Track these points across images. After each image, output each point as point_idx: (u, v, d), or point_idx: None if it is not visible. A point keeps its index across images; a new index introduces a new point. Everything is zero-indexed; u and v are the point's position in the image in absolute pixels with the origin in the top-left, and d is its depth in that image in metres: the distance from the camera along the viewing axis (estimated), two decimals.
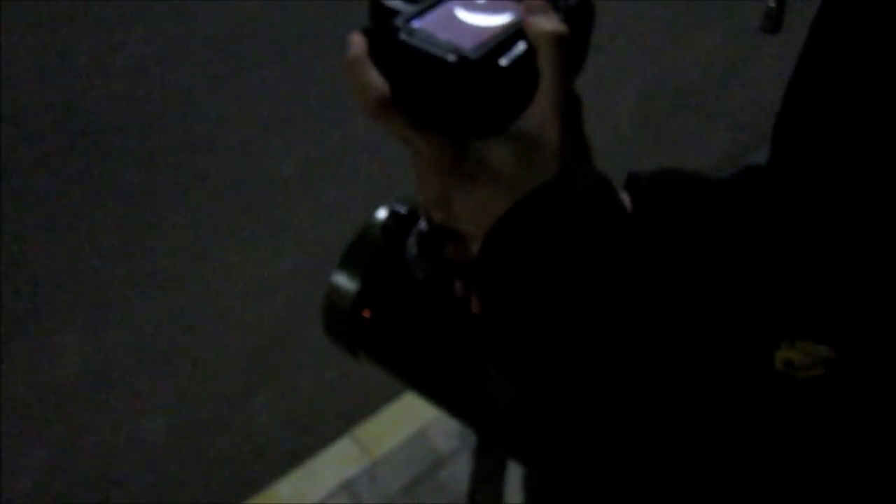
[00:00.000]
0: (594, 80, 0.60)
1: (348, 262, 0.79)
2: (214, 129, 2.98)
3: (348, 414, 2.04)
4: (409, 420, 1.97)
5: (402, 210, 0.74)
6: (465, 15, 0.52)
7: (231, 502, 1.87)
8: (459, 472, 1.86)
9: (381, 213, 0.78)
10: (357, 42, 0.51)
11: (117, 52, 3.29)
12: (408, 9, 0.52)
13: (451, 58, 0.48)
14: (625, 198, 0.68)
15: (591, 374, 0.49)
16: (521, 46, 0.51)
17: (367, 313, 0.78)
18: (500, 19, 0.51)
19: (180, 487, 1.95)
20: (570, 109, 0.52)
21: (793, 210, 0.52)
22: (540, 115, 0.51)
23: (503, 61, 0.50)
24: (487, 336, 0.66)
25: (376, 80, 0.50)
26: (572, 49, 0.51)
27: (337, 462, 1.90)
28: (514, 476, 1.80)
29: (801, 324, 0.46)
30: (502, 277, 0.51)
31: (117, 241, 2.58)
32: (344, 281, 0.79)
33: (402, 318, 0.79)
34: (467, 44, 0.49)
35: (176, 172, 2.82)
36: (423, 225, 0.62)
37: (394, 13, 0.52)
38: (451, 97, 0.50)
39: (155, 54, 3.27)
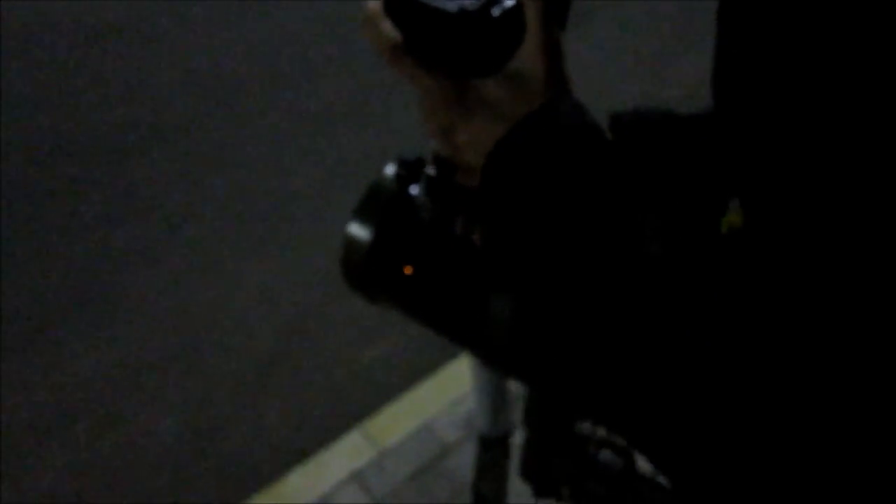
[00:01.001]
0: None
1: (361, 213, 0.84)
2: (225, 145, 3.08)
3: (356, 410, 2.09)
4: (415, 413, 2.03)
5: (411, 158, 0.81)
6: None
7: (242, 497, 1.91)
8: (464, 461, 1.90)
9: (390, 168, 0.84)
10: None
11: (131, 72, 3.42)
12: None
13: (453, 9, 0.57)
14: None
15: (573, 271, 0.56)
16: (510, 2, 0.60)
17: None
18: None
19: (193, 484, 2.00)
20: (553, 51, 0.60)
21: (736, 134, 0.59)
22: (528, 56, 0.60)
23: (495, 11, 0.59)
24: (488, 257, 0.74)
25: (390, 30, 0.60)
26: (552, 3, 0.60)
27: (345, 454, 1.95)
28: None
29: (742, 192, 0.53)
30: (501, 191, 0.59)
31: (133, 252, 2.66)
32: (358, 230, 0.83)
33: (413, 259, 0.84)
34: None
35: (187, 186, 2.91)
36: (430, 170, 0.71)
37: None
38: (453, 43, 0.60)
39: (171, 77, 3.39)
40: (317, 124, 3.11)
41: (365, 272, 0.84)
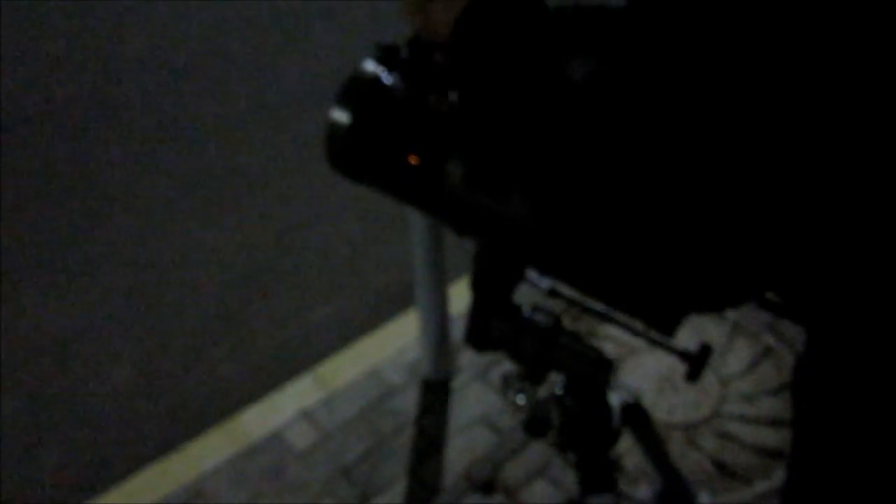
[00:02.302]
0: None
1: (342, 100, 0.94)
2: (187, 125, 3.18)
3: (307, 359, 2.19)
4: (363, 359, 2.13)
5: (387, 43, 0.94)
6: None
7: (193, 434, 1.99)
8: (409, 401, 2.02)
9: (369, 63, 0.95)
10: None
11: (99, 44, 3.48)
12: None
13: None
14: None
15: (520, 93, 0.71)
16: None
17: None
18: None
19: (143, 424, 2.07)
20: None
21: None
22: None
23: None
24: (458, 116, 0.86)
25: None
26: None
27: (296, 395, 2.05)
28: (459, 405, 1.98)
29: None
30: (467, 45, 0.75)
31: (93, 216, 2.75)
32: (339, 115, 0.94)
33: (387, 130, 0.94)
34: None
35: (146, 160, 3.01)
36: (404, 53, 0.85)
37: None
38: None
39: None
40: (275, 111, 3.23)
41: (345, 153, 0.96)
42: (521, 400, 1.05)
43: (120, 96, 3.36)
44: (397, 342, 2.18)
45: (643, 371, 2.07)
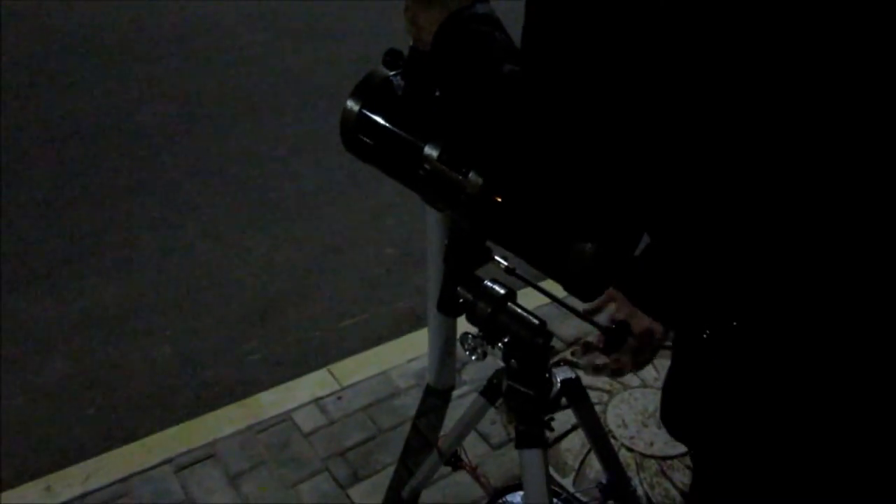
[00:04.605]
0: None
1: (355, 93, 1.19)
2: (249, 147, 3.51)
3: (326, 359, 2.41)
4: (376, 363, 2.34)
5: (395, 49, 1.19)
6: None
7: (217, 406, 2.22)
8: (411, 402, 2.21)
9: (381, 68, 1.20)
10: None
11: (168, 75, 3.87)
12: None
13: None
14: None
15: (474, 83, 0.95)
16: None
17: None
18: None
19: (174, 394, 2.32)
20: None
21: None
22: None
23: None
24: (438, 106, 1.10)
25: None
26: None
27: (312, 385, 2.26)
28: (455, 411, 2.16)
29: None
30: (442, 49, 0.99)
31: (154, 220, 3.09)
32: (351, 104, 1.18)
33: (384, 117, 1.18)
34: None
35: (210, 175, 3.35)
36: (406, 55, 1.10)
37: None
38: None
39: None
40: (327, 140, 3.53)
41: (353, 135, 1.20)
42: (475, 356, 1.24)
43: (202, 119, 3.73)
44: (409, 353, 2.39)
45: (630, 406, 2.22)
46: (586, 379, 2.28)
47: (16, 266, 2.81)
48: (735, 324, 0.82)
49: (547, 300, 1.22)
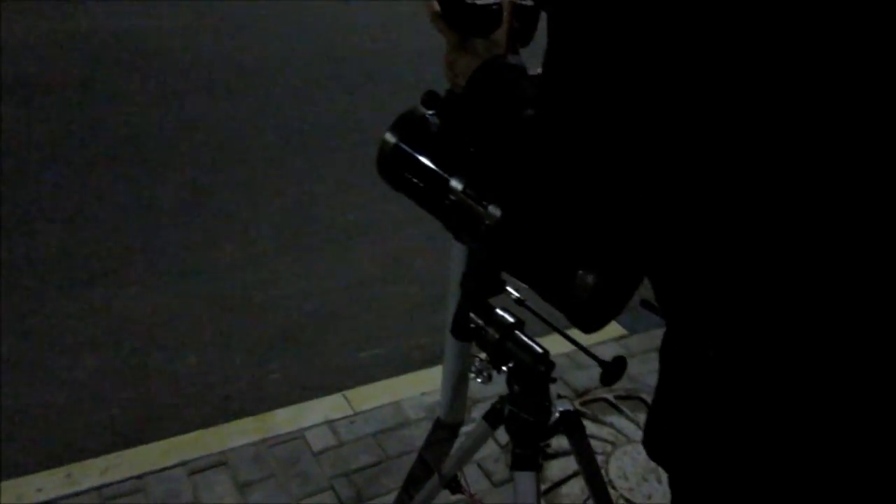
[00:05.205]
0: None
1: (393, 127, 1.31)
2: (299, 179, 3.67)
3: (343, 385, 2.50)
4: (390, 393, 2.43)
5: (434, 91, 1.31)
6: None
7: (235, 419, 2.31)
8: (420, 434, 2.29)
9: (420, 107, 1.32)
10: None
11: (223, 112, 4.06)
12: None
13: (468, 4, 1.10)
14: None
15: (500, 122, 1.05)
16: (498, 5, 1.11)
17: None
18: None
19: (193, 403, 2.41)
20: (514, 34, 1.11)
21: None
22: (500, 32, 1.11)
23: (490, 7, 1.11)
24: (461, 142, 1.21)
25: (436, 6, 1.13)
26: (520, 12, 1.11)
27: (326, 408, 2.35)
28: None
29: None
30: (474, 93, 1.10)
31: (202, 240, 3.25)
32: (389, 137, 1.30)
33: (422, 152, 1.29)
34: None
35: (259, 204, 3.50)
36: (442, 97, 1.22)
37: None
38: (466, 18, 1.13)
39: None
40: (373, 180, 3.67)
41: (389, 166, 1.31)
42: (481, 379, 1.33)
43: (255, 149, 3.91)
44: (423, 387, 2.47)
45: (632, 458, 2.27)
46: (591, 428, 2.34)
47: (57, 273, 2.95)
48: (742, 344, 0.82)
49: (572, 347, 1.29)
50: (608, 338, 2.74)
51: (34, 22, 5.41)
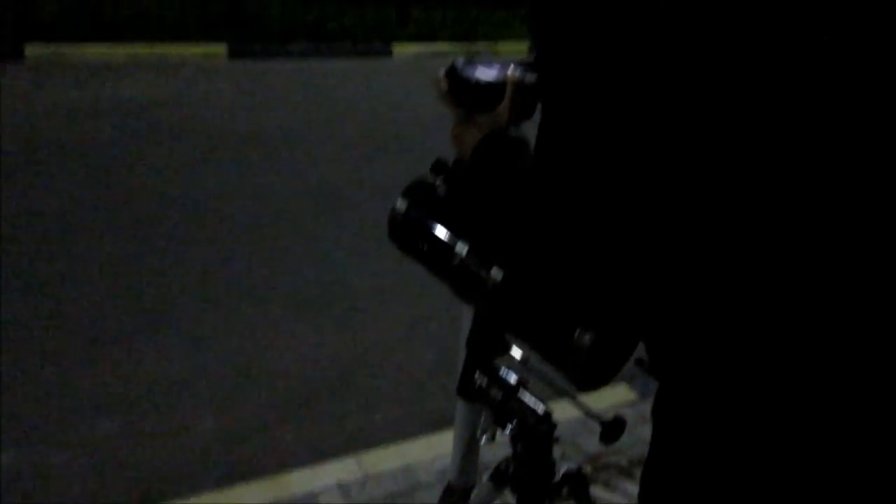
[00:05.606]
0: None
1: (404, 193, 1.37)
2: (319, 242, 3.74)
3: (356, 447, 2.52)
4: (402, 456, 2.44)
5: (441, 159, 1.38)
6: (484, 69, 1.21)
7: (249, 479, 2.33)
8: (431, 498, 2.29)
9: (428, 174, 1.39)
10: (441, 71, 1.21)
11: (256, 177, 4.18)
12: (464, 62, 1.22)
13: (473, 81, 1.18)
14: None
15: (500, 192, 1.12)
16: (501, 82, 1.19)
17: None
18: (501, 71, 1.20)
19: (210, 465, 2.44)
20: (517, 110, 1.18)
21: None
22: (503, 107, 1.19)
23: (494, 85, 1.19)
24: (464, 211, 1.27)
25: (444, 85, 1.20)
26: (522, 88, 1.18)
27: (338, 470, 2.36)
28: None
29: None
30: (478, 163, 1.16)
31: (220, 303, 3.31)
32: (400, 203, 1.36)
33: (429, 217, 1.35)
34: (480, 77, 1.18)
35: (278, 271, 3.57)
36: (449, 165, 1.29)
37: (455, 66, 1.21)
38: (468, 95, 1.19)
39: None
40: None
41: (399, 231, 1.37)
42: (485, 438, 1.35)
43: (284, 212, 4.00)
44: (436, 451, 2.48)
45: None
46: (603, 495, 2.34)
47: (77, 335, 3.03)
48: (735, 403, 0.83)
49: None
50: (620, 402, 2.74)
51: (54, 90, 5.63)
